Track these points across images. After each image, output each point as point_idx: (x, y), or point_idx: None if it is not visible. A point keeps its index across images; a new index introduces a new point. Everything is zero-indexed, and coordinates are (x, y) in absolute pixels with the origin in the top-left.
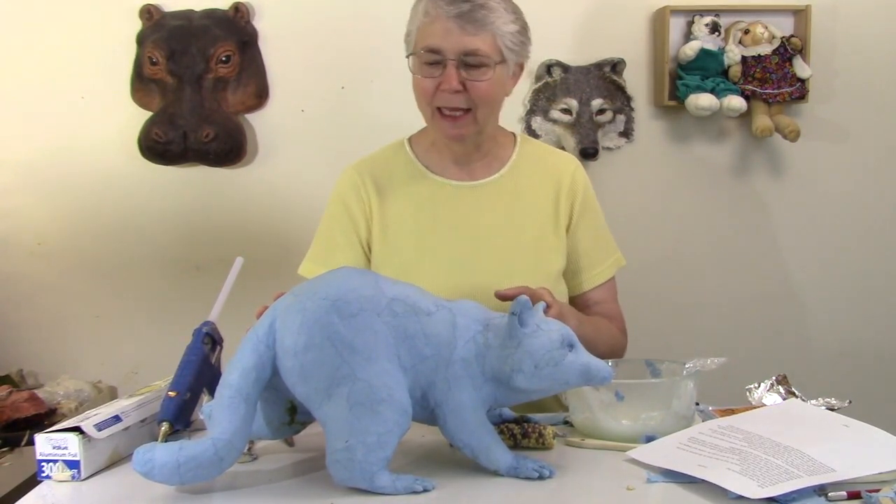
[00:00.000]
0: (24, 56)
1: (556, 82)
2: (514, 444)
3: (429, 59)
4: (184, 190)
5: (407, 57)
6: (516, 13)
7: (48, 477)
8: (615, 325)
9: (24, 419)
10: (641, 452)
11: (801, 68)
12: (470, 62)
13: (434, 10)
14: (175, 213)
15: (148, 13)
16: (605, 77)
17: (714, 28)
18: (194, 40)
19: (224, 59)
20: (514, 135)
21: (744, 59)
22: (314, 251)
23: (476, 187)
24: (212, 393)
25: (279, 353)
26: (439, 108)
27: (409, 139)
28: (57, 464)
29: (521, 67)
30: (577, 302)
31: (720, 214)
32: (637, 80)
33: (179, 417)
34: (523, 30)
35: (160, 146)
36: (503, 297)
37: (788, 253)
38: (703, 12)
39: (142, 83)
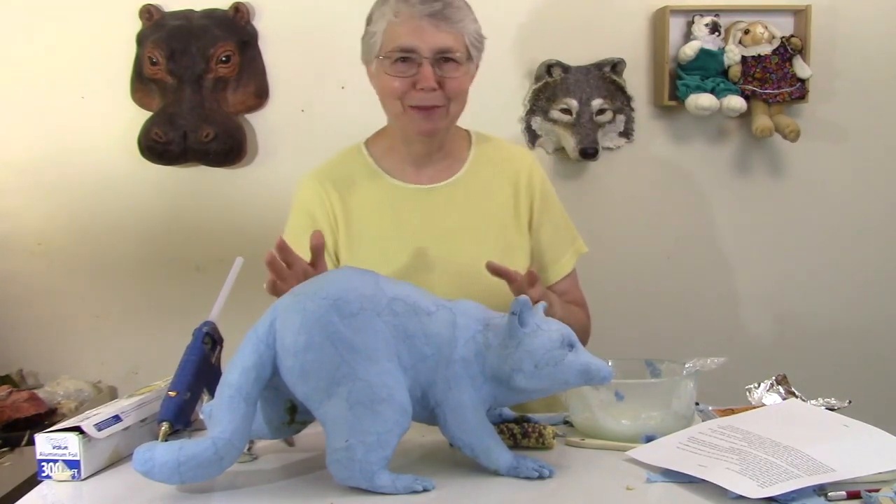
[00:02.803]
0: (24, 56)
1: (556, 82)
2: (514, 444)
3: (401, 59)
4: (184, 190)
5: (373, 58)
6: (473, 13)
7: (48, 477)
8: (583, 311)
9: (24, 419)
10: (641, 452)
11: (801, 68)
12: (443, 59)
13: (406, 10)
14: (175, 213)
15: (148, 13)
16: (605, 77)
17: (714, 28)
18: (194, 40)
19: (224, 59)
20: (468, 132)
21: (744, 59)
22: None
23: (435, 190)
24: (212, 393)
25: (279, 352)
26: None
27: (366, 142)
28: (57, 464)
29: (476, 68)
30: None
31: (720, 214)
32: (637, 80)
33: (179, 417)
34: (480, 30)
35: (160, 146)
36: (495, 270)
37: (788, 253)
38: (703, 12)
39: (142, 83)
